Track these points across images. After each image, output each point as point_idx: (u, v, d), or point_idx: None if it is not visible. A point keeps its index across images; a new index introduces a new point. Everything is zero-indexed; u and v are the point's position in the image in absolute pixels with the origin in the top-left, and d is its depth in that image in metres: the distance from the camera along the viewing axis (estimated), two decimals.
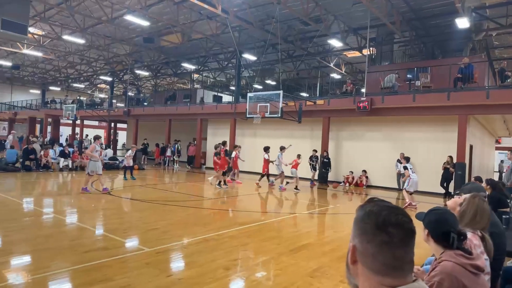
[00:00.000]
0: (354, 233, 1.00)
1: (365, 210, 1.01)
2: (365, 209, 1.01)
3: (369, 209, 1.00)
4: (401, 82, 15.60)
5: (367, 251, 0.95)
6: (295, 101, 16.39)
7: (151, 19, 16.96)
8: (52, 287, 3.82)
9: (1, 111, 36.80)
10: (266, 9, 15.98)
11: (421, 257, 4.92)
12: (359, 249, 0.97)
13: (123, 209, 8.72)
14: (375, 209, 0.99)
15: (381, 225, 0.95)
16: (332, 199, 12.55)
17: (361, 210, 1.02)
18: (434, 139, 14.47)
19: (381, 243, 0.94)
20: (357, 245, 0.98)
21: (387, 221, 0.95)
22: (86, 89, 42.83)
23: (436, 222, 1.99)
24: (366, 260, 0.95)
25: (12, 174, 14.46)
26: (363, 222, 0.98)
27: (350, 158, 16.66)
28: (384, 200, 1.04)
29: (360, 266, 0.97)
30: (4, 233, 5.83)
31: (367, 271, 0.95)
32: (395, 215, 0.97)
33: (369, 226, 0.96)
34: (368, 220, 0.97)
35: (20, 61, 29.86)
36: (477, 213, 2.42)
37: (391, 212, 0.98)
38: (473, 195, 2.55)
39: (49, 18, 18.49)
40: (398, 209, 1.01)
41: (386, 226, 0.94)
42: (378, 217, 0.96)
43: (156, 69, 30.16)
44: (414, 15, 15.77)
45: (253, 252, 5.45)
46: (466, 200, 2.54)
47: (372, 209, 0.99)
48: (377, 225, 0.95)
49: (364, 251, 0.96)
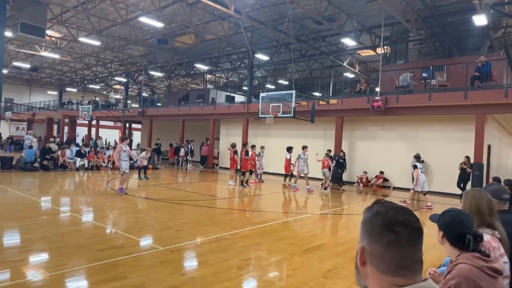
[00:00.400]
0: (362, 234, 1.01)
1: (372, 211, 1.01)
2: (372, 210, 1.02)
3: (376, 210, 1.01)
4: (416, 81, 15.34)
5: (375, 252, 0.96)
6: (308, 100, 16.31)
7: (165, 21, 17.16)
8: (69, 284, 3.90)
9: (21, 112, 37.80)
10: (278, 9, 15.96)
11: (439, 259, 4.84)
12: (368, 250, 0.98)
13: (138, 208, 8.84)
14: (382, 210, 0.99)
15: (388, 225, 0.95)
16: (346, 199, 12.44)
17: (368, 212, 1.03)
18: (450, 138, 14.18)
19: (389, 243, 0.94)
20: (365, 246, 0.98)
21: (394, 221, 0.96)
22: (101, 90, 43.63)
23: (450, 224, 1.95)
24: (375, 260, 0.96)
25: (31, 173, 14.83)
26: (370, 223, 0.99)
27: (363, 158, 16.48)
28: (391, 202, 1.05)
29: (369, 267, 0.97)
30: (24, 231, 5.99)
31: (377, 272, 0.96)
32: (402, 215, 0.98)
33: (377, 226, 0.97)
34: (375, 221, 0.98)
35: (38, 63, 30.63)
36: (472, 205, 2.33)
37: (397, 212, 0.98)
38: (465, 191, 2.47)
39: (66, 21, 18.90)
40: (405, 209, 1.01)
41: (393, 225, 0.95)
42: (385, 217, 0.97)
43: (169, 70, 30.48)
44: (429, 12, 15.48)
45: (265, 252, 5.45)
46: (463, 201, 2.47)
47: (379, 210, 1.00)
48: (384, 225, 0.96)
49: (372, 252, 0.96)
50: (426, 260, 4.31)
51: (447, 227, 1.96)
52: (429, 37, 17.25)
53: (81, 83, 39.27)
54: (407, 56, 18.57)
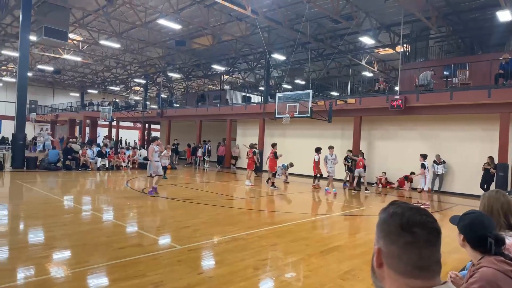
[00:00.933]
0: (378, 235, 0.99)
1: (388, 212, 1.00)
2: (387, 211, 1.00)
3: (392, 210, 0.99)
4: (437, 80, 14.97)
5: (392, 253, 0.94)
6: (325, 100, 16.17)
7: (182, 22, 17.38)
8: (90, 281, 4.01)
9: (44, 114, 39.07)
10: (295, 8, 15.90)
11: (461, 262, 4.71)
12: (384, 251, 0.96)
13: (157, 207, 8.98)
14: (398, 210, 0.98)
15: (405, 225, 0.94)
16: (365, 200, 12.27)
17: (384, 212, 1.01)
18: (473, 138, 13.77)
19: (406, 244, 0.93)
20: (382, 248, 0.97)
21: (411, 221, 0.94)
22: (121, 91, 44.57)
23: (470, 226, 1.89)
24: (392, 262, 0.94)
25: (54, 173, 15.30)
26: (387, 224, 0.98)
27: (382, 159, 16.21)
28: (406, 202, 1.03)
29: (386, 269, 0.96)
30: (47, 229, 6.18)
31: (394, 273, 0.94)
32: (419, 215, 0.96)
33: (393, 227, 0.95)
34: (391, 222, 0.97)
35: (61, 66, 31.58)
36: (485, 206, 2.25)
37: (414, 212, 0.97)
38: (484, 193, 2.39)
39: (87, 24, 19.42)
40: (422, 209, 0.99)
41: (410, 226, 0.94)
42: (402, 218, 0.95)
43: (187, 71, 30.84)
44: (451, 9, 15.08)
45: (282, 253, 5.44)
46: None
47: (395, 211, 0.98)
48: (401, 225, 0.94)
49: (389, 253, 0.95)
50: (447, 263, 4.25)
51: (466, 229, 1.90)
52: (450, 34, 16.80)
53: (102, 85, 40.25)
54: (428, 54, 18.14)
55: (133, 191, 11.04)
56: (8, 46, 24.44)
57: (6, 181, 12.53)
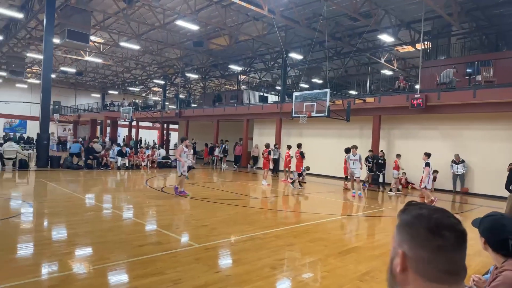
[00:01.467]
0: (402, 238, 0.94)
1: (412, 213, 0.95)
2: (411, 213, 0.95)
3: (416, 212, 0.94)
4: (460, 77, 14.54)
5: (421, 257, 0.90)
6: (343, 99, 15.97)
7: (200, 23, 17.54)
8: (111, 277, 4.10)
9: (67, 114, 40.24)
10: (312, 7, 15.77)
11: (485, 266, 4.56)
12: (411, 256, 0.91)
13: (175, 206, 9.10)
14: (424, 212, 0.93)
15: (434, 228, 0.89)
16: (384, 201, 12.06)
17: (406, 214, 0.96)
18: (497, 138, 13.31)
19: (437, 248, 0.88)
20: (407, 252, 0.92)
21: (440, 224, 0.90)
22: (141, 92, 45.40)
23: (491, 229, 1.83)
24: (421, 266, 0.90)
25: (76, 172, 15.73)
26: (413, 227, 0.92)
27: (402, 158, 15.85)
28: (424, 203, 0.99)
29: (412, 274, 0.91)
30: (70, 226, 6.36)
31: (421, 278, 0.90)
32: (447, 218, 0.92)
33: (422, 230, 0.90)
34: (418, 224, 0.92)
35: (83, 67, 32.45)
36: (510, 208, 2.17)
37: (441, 214, 0.92)
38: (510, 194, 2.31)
39: (108, 27, 19.86)
40: (446, 211, 0.95)
41: (440, 229, 0.89)
42: (430, 220, 0.91)
43: (205, 72, 31.10)
44: (474, 4, 14.63)
45: (299, 253, 5.41)
46: None
47: (421, 213, 0.93)
48: (430, 228, 0.90)
49: (417, 258, 0.90)
50: (470, 266, 4.13)
51: (487, 232, 1.85)
52: (473, 30, 16.30)
53: (122, 86, 41.12)
54: (449, 51, 17.66)
55: (152, 189, 11.22)
56: (33, 49, 25.29)
57: (31, 179, 12.98)
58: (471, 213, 9.99)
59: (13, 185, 11.82)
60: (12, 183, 12.14)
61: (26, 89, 39.17)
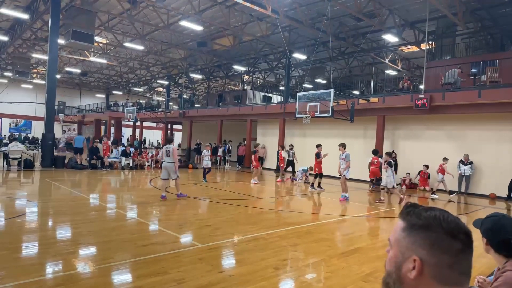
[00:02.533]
0: (415, 243, 0.89)
1: (424, 216, 0.91)
2: (421, 215, 0.92)
3: (429, 214, 0.91)
4: (465, 77, 14.45)
5: (442, 263, 0.86)
6: (347, 99, 15.93)
7: (204, 24, 17.57)
8: (114, 277, 4.11)
9: (72, 114, 40.47)
10: (316, 7, 15.75)
11: (489, 267, 4.53)
12: (431, 262, 0.87)
13: (178, 206, 9.12)
14: (438, 215, 0.90)
15: (454, 232, 0.88)
16: (388, 202, 12.01)
17: (417, 217, 0.92)
18: (503, 138, 13.20)
19: (458, 252, 0.87)
20: (424, 257, 0.88)
21: (457, 227, 0.88)
22: (145, 92, 45.58)
23: (492, 230, 1.83)
24: (442, 272, 0.87)
25: (80, 172, 15.81)
26: (430, 231, 0.89)
27: (407, 159, 15.81)
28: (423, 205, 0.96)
29: (426, 279, 0.87)
30: (74, 226, 6.40)
31: (437, 283, 0.87)
32: (458, 220, 0.90)
33: (441, 234, 0.88)
34: (436, 229, 0.88)
35: (88, 68, 32.63)
36: None
37: (453, 217, 0.91)
38: None
39: (112, 27, 19.95)
40: (451, 214, 0.93)
41: (458, 233, 0.88)
42: (449, 224, 0.88)
43: (208, 72, 31.16)
44: (479, 4, 14.54)
45: (303, 253, 5.40)
46: None
47: (435, 214, 0.90)
48: (450, 232, 0.87)
49: (438, 263, 0.87)
50: (475, 268, 4.11)
51: (489, 233, 1.84)
52: (478, 30, 16.19)
53: (126, 86, 41.29)
54: (454, 51, 17.55)
55: (156, 189, 11.24)
56: (38, 50, 25.48)
57: (36, 179, 13.07)
58: (476, 214, 9.92)
59: (18, 184, 11.91)
60: (17, 182, 12.23)
61: (31, 90, 39.45)
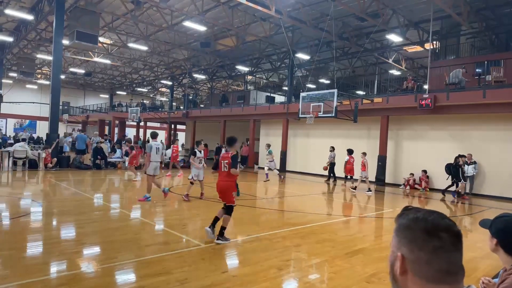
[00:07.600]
0: (400, 242, 0.96)
1: (408, 217, 0.97)
2: (407, 216, 0.98)
3: (412, 216, 0.97)
4: (469, 77, 14.36)
5: (420, 259, 0.92)
6: (350, 99, 15.88)
7: (207, 24, 17.60)
8: (118, 277, 4.13)
9: (76, 114, 40.68)
10: (319, 7, 15.72)
11: (494, 268, 4.49)
12: (410, 258, 0.93)
13: (182, 206, 9.13)
14: (420, 215, 0.96)
15: (431, 230, 0.92)
16: (391, 202, 11.97)
17: (403, 218, 0.99)
18: (508, 139, 13.11)
19: (435, 249, 0.91)
20: (406, 254, 0.94)
21: (436, 226, 0.93)
22: (148, 93, 45.71)
23: (504, 230, 1.81)
24: (420, 268, 0.92)
25: (84, 172, 15.88)
26: (410, 230, 0.95)
27: (410, 159, 15.74)
28: (419, 207, 1.01)
29: (412, 276, 0.93)
30: (78, 225, 6.43)
31: (420, 280, 0.91)
32: (442, 219, 0.94)
33: (419, 232, 0.93)
34: (415, 227, 0.94)
35: (92, 68, 32.78)
36: None
37: (436, 216, 0.95)
38: None
39: (116, 28, 20.03)
40: (441, 213, 0.97)
41: (436, 231, 0.92)
42: (427, 223, 0.93)
43: (212, 72, 31.20)
44: (484, 4, 14.46)
45: (306, 254, 5.39)
46: None
47: (417, 216, 0.96)
48: (427, 230, 0.92)
49: (416, 260, 0.92)
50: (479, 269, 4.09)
51: (500, 234, 1.82)
52: (483, 30, 16.10)
53: (130, 87, 41.43)
54: (459, 51, 17.46)
55: (160, 190, 11.25)
56: (42, 50, 25.63)
57: (41, 179, 13.14)
58: (480, 215, 9.85)
59: (23, 184, 11.98)
60: (22, 182, 12.31)
61: (36, 90, 39.69)
